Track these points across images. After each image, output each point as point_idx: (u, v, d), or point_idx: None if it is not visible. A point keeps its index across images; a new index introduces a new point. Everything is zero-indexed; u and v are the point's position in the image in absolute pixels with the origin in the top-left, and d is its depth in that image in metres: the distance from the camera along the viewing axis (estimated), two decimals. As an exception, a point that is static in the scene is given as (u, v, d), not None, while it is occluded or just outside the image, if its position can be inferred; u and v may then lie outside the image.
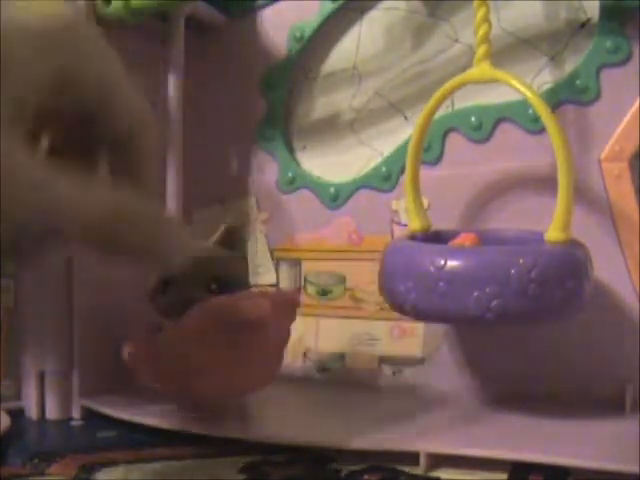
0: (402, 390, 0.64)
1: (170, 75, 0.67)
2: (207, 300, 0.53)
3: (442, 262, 0.52)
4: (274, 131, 0.70)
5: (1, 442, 0.54)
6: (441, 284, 0.51)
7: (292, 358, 0.67)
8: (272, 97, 0.71)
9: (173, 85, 0.67)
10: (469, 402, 0.62)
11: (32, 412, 0.62)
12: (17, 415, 0.61)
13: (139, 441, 0.55)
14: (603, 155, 0.59)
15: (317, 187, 0.69)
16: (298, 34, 0.69)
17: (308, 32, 0.69)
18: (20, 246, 0.34)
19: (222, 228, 0.58)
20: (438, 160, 0.64)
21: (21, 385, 0.63)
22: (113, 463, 0.50)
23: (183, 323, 0.52)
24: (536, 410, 0.57)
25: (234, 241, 0.58)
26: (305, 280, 0.69)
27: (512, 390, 0.61)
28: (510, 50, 0.62)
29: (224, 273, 0.56)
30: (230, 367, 0.53)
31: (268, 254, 0.70)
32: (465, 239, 0.57)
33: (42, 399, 0.62)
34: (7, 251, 0.34)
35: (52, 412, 0.62)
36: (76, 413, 0.62)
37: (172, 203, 0.66)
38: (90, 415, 0.61)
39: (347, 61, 0.69)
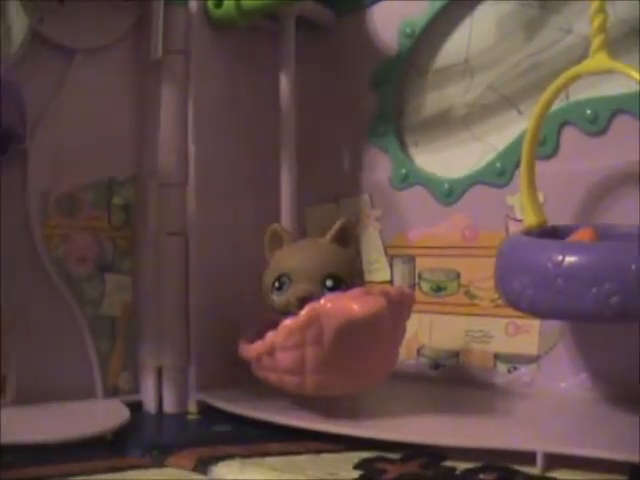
0: (517, 388, 0.64)
1: (282, 74, 0.68)
2: (323, 297, 0.53)
3: (560, 258, 0.51)
4: (386, 128, 0.70)
5: (121, 434, 0.56)
6: (559, 280, 0.50)
7: (406, 355, 0.67)
8: (383, 94, 0.71)
9: (285, 84, 0.68)
10: (586, 401, 0.60)
11: (150, 405, 0.64)
12: (136, 408, 0.62)
13: (254, 436, 0.56)
14: None
15: (430, 183, 0.68)
16: (409, 30, 0.69)
17: (418, 28, 0.69)
18: None
19: (337, 225, 0.58)
20: (553, 154, 0.63)
21: (139, 379, 0.65)
22: (229, 457, 0.51)
23: (299, 320, 0.53)
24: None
25: (349, 238, 0.58)
26: (419, 277, 0.69)
27: (630, 390, 0.59)
28: (624, 39, 0.61)
29: (339, 270, 0.56)
30: (345, 364, 0.54)
31: (382, 251, 0.70)
32: (583, 234, 0.56)
33: (159, 393, 0.64)
34: None
35: (169, 406, 0.64)
36: (192, 407, 0.64)
37: (286, 202, 0.67)
38: (206, 409, 0.63)
39: (458, 56, 0.68)
